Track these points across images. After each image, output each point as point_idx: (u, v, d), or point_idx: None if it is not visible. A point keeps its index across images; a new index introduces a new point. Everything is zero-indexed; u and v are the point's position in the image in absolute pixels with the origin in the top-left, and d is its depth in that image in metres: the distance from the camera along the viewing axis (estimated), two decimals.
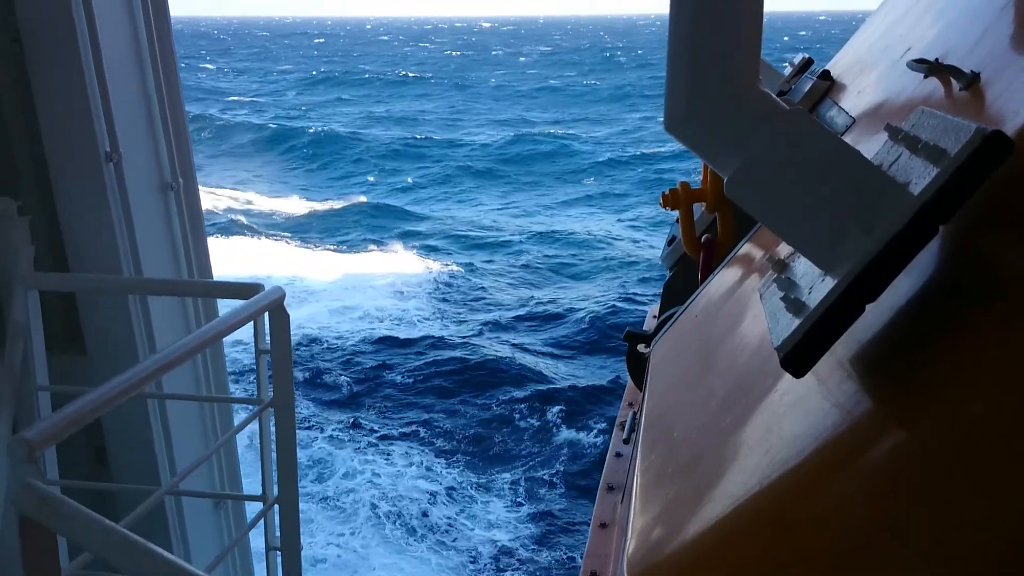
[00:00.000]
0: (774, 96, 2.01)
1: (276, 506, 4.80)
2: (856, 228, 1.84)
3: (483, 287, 29.14)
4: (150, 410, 5.77)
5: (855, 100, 4.67)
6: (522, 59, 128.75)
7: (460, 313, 26.48)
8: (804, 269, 2.10)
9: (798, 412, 2.11)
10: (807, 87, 5.38)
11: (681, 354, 3.69)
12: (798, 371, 1.89)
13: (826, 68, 5.56)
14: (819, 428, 1.95)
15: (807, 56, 5.98)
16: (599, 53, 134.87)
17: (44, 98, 5.25)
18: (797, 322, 1.89)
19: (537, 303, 27.22)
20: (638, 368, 5.12)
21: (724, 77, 1.96)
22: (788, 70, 5.97)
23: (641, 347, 5.03)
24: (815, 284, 1.96)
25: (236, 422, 6.15)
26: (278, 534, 4.87)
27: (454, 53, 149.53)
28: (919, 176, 1.81)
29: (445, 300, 27.84)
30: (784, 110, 1.97)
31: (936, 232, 1.78)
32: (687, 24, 1.95)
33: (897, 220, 1.77)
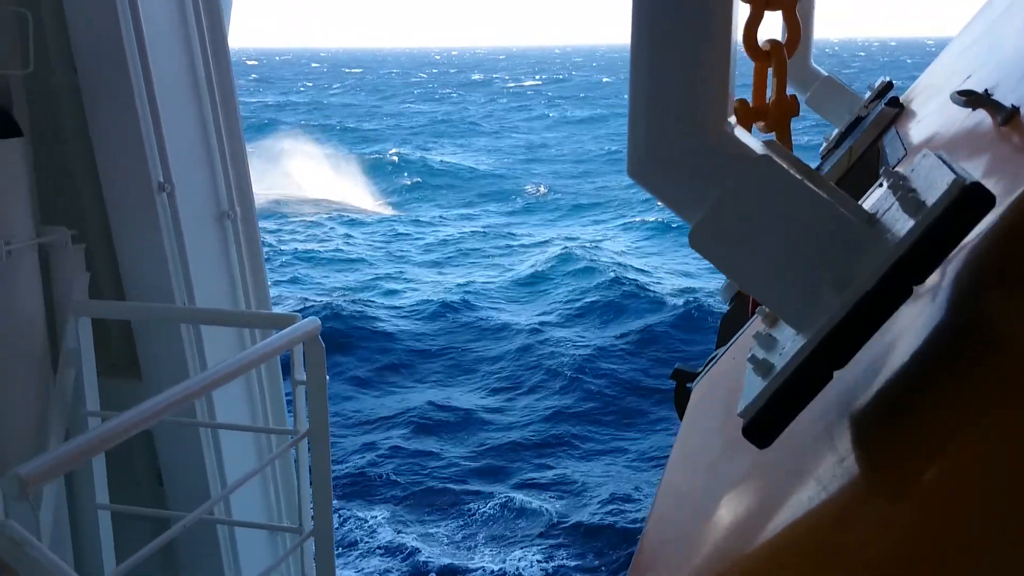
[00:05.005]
0: (743, 139, 1.86)
1: (312, 538, 4.77)
2: (827, 286, 1.68)
3: None
4: (202, 437, 5.83)
5: (916, 129, 4.46)
6: None
7: None
8: (787, 326, 1.95)
9: (795, 471, 1.99)
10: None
11: (714, 397, 3.58)
12: (761, 441, 1.74)
13: (894, 95, 5.33)
14: (808, 492, 1.82)
15: (887, 80, 5.75)
16: None
17: (98, 130, 5.39)
18: (763, 386, 1.75)
19: None
20: (684, 407, 4.95)
21: (687, 119, 1.81)
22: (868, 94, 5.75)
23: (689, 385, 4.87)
24: (788, 344, 1.80)
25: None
26: (314, 565, 4.84)
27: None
28: (899, 230, 1.65)
29: None
30: (751, 156, 1.81)
31: (910, 293, 1.61)
32: (647, 60, 1.82)
33: (867, 280, 1.61)
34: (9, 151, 4.95)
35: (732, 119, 1.92)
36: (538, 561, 14.50)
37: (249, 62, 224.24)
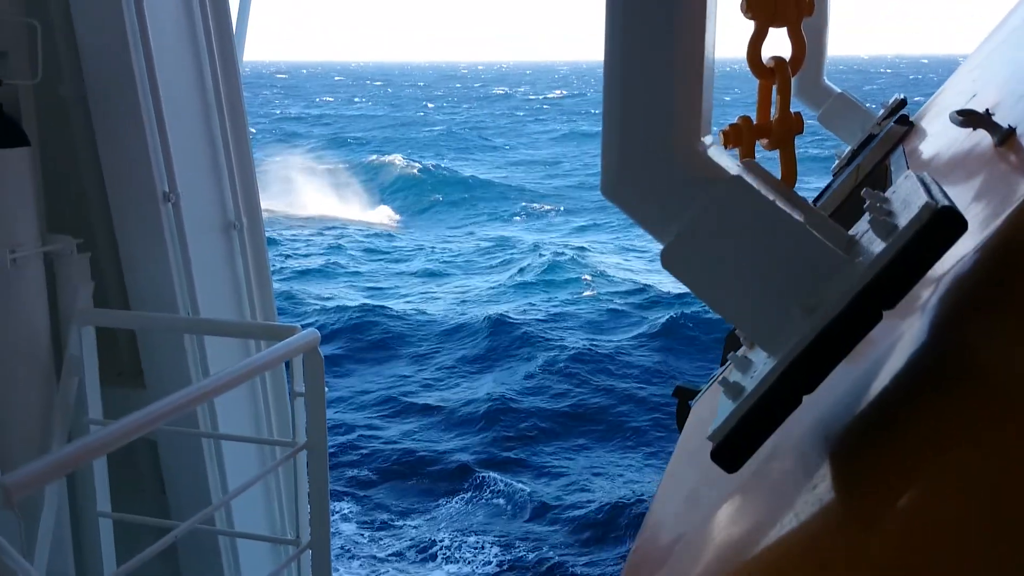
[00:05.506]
0: (716, 159, 1.83)
1: (309, 550, 4.76)
2: (798, 309, 1.66)
3: None
4: (204, 447, 5.84)
5: (921, 148, 4.43)
6: None
7: None
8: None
9: (772, 496, 1.96)
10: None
11: (708, 416, 3.56)
12: (729, 465, 1.72)
13: (904, 113, 5.29)
14: (783, 515, 1.79)
15: (901, 97, 5.72)
16: None
17: (105, 139, 5.42)
18: (732, 408, 1.73)
19: None
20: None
21: (657, 139, 1.80)
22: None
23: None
24: (760, 367, 1.78)
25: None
26: None
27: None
28: (871, 253, 1.62)
29: None
30: (722, 176, 1.78)
31: (879, 318, 1.58)
32: (618, 80, 1.80)
33: (836, 304, 1.58)
34: (17, 160, 4.99)
35: (708, 139, 1.90)
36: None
37: (279, 75, 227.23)
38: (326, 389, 4.59)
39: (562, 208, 48.95)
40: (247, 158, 6.20)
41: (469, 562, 14.72)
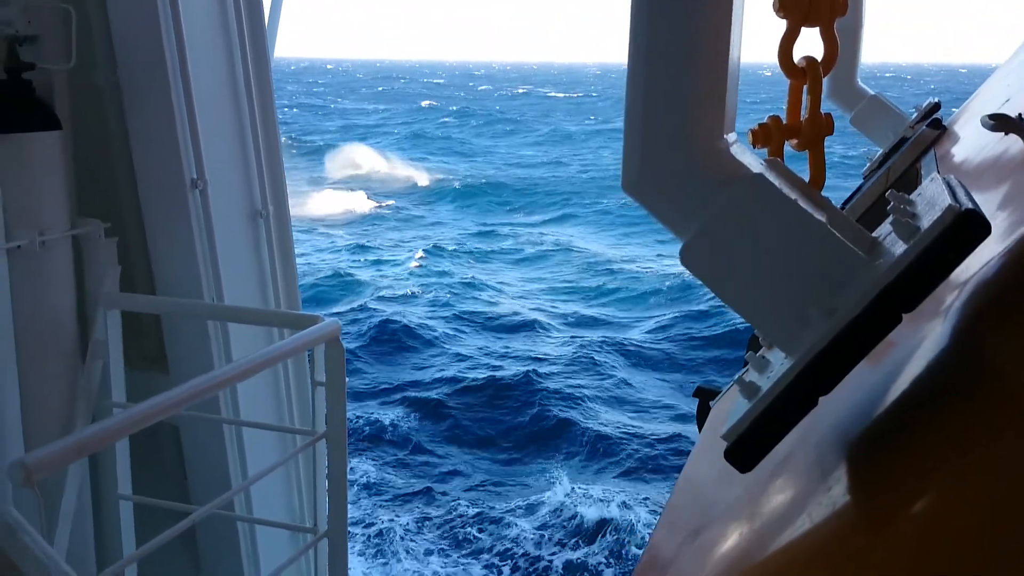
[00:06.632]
0: (739, 157, 1.81)
1: (325, 539, 4.78)
2: (816, 310, 1.64)
3: None
4: (225, 434, 5.88)
5: (952, 152, 4.39)
6: None
7: None
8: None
9: (784, 498, 1.94)
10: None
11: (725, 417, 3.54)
12: (742, 465, 1.70)
13: (937, 117, 5.25)
14: (800, 516, 1.78)
15: (935, 101, 5.68)
16: None
17: (135, 125, 5.47)
18: (747, 408, 1.71)
19: None
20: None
21: (678, 136, 1.77)
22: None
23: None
24: (777, 367, 1.77)
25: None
26: (327, 566, 4.84)
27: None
28: (893, 255, 1.60)
29: None
30: (744, 174, 1.76)
31: (898, 321, 1.56)
32: (641, 75, 1.78)
33: (855, 305, 1.57)
34: (48, 143, 5.03)
35: (731, 136, 1.88)
36: None
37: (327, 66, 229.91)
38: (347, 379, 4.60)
39: (565, 202, 49.74)
40: (275, 147, 6.23)
41: None
